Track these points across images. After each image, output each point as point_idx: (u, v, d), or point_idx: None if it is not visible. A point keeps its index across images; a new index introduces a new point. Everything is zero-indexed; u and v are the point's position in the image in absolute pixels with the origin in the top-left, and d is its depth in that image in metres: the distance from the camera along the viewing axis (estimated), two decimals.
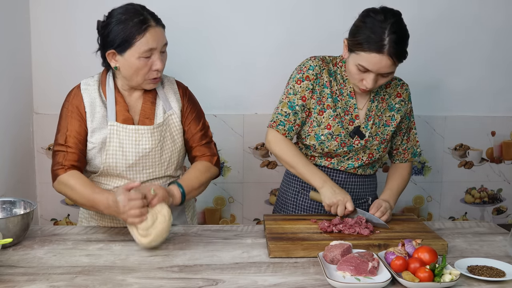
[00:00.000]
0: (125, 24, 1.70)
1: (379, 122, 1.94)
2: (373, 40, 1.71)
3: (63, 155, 1.77)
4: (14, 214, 1.76)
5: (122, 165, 1.79)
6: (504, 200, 2.96)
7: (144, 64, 1.73)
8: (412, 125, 2.04)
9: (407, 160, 2.05)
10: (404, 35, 1.75)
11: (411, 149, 2.05)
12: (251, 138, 2.74)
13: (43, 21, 2.58)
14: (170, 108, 1.87)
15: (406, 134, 2.03)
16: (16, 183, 2.45)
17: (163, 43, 1.75)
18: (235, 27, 2.65)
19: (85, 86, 1.82)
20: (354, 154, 1.94)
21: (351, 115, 1.92)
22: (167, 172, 1.88)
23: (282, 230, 1.72)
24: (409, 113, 2.02)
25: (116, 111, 1.79)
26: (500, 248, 1.68)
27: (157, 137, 1.81)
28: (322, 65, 1.91)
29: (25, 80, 2.58)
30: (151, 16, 1.74)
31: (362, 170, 1.99)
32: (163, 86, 1.89)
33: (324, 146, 1.91)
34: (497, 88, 2.84)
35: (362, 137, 1.91)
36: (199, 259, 1.56)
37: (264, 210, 2.79)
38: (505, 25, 2.77)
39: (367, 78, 1.78)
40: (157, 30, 1.73)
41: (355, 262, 1.42)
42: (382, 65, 1.73)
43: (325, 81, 1.91)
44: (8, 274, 1.43)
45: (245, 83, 2.71)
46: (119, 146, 1.78)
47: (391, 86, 1.97)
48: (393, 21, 1.72)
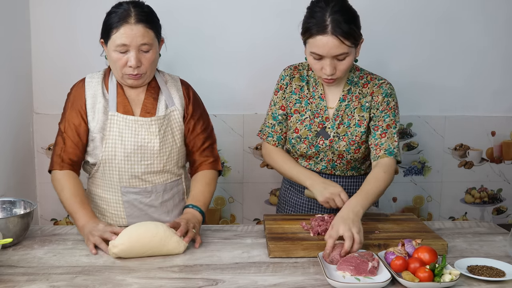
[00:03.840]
0: (110, 16, 1.76)
1: (349, 121, 1.92)
2: (316, 24, 1.74)
3: (61, 147, 1.83)
4: (14, 214, 1.76)
5: (121, 154, 1.81)
6: (504, 200, 2.96)
7: (119, 58, 1.75)
8: (392, 123, 1.89)
9: (379, 157, 1.85)
10: (346, 13, 1.75)
11: (385, 145, 1.86)
12: (251, 138, 2.74)
13: (43, 21, 2.58)
14: (173, 104, 1.89)
15: (381, 129, 1.88)
16: (16, 183, 2.45)
17: (139, 42, 1.73)
18: (236, 27, 2.65)
19: (89, 79, 1.86)
20: (324, 156, 1.95)
21: (322, 117, 1.93)
22: (165, 167, 1.88)
23: (282, 230, 1.72)
24: (388, 109, 1.89)
25: (117, 103, 1.83)
26: (500, 248, 1.68)
27: (155, 129, 1.83)
28: (292, 73, 1.98)
29: (25, 80, 2.58)
30: (137, 13, 1.73)
31: (340, 171, 1.99)
32: (166, 82, 1.92)
33: (296, 149, 1.97)
34: (497, 88, 2.84)
35: (327, 137, 1.92)
36: (199, 259, 1.56)
37: (264, 210, 2.79)
38: (506, 25, 2.77)
39: (324, 65, 1.79)
40: (135, 28, 1.72)
41: (355, 262, 1.42)
42: (330, 46, 1.73)
43: (294, 88, 1.96)
44: (8, 274, 1.43)
45: (245, 83, 2.71)
46: (118, 135, 1.81)
47: (368, 86, 1.93)
48: (334, 3, 1.75)
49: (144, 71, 1.79)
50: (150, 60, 1.78)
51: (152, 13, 1.80)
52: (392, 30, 2.70)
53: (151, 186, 1.88)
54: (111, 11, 1.77)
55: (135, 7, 1.75)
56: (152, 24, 1.77)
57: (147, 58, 1.77)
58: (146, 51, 1.76)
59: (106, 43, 1.78)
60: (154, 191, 1.89)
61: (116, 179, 1.85)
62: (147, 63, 1.78)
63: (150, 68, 1.80)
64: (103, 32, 1.78)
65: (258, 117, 2.68)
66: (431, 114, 2.82)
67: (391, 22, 2.70)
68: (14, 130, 2.45)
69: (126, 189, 1.86)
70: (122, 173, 1.84)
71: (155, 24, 1.79)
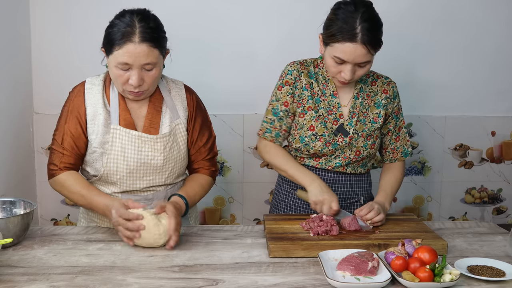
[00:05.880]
0: (112, 29, 1.66)
1: (365, 119, 1.94)
2: (345, 30, 1.73)
3: (59, 157, 1.78)
4: (14, 214, 1.76)
5: (123, 170, 1.77)
6: (504, 200, 2.96)
7: (120, 74, 1.67)
8: (402, 124, 2.03)
9: (397, 159, 2.04)
10: (376, 23, 1.77)
11: (401, 148, 2.03)
12: (251, 138, 2.74)
13: (43, 21, 2.58)
14: (178, 117, 1.83)
15: (395, 133, 2.02)
16: (16, 183, 2.45)
17: (142, 62, 1.64)
18: (235, 26, 2.65)
19: (89, 86, 1.79)
20: (340, 153, 1.94)
21: (335, 114, 1.93)
22: (167, 180, 1.86)
23: (282, 230, 1.72)
24: (397, 111, 2.01)
25: (119, 115, 1.77)
26: (500, 248, 1.68)
27: (160, 146, 1.78)
28: (300, 68, 1.95)
29: (25, 80, 2.58)
30: (141, 31, 1.64)
31: (351, 168, 1.99)
32: (170, 92, 1.86)
33: (309, 147, 1.93)
34: (498, 88, 2.84)
35: (346, 135, 1.92)
36: (199, 259, 1.56)
37: (264, 210, 2.79)
38: (506, 26, 2.78)
39: (345, 69, 1.79)
40: (138, 48, 1.62)
41: (355, 261, 1.42)
42: (357, 54, 1.74)
43: (304, 84, 1.93)
44: (8, 274, 1.43)
45: (245, 83, 2.71)
46: (121, 151, 1.76)
47: (377, 84, 1.97)
48: (364, 10, 1.74)
49: (146, 88, 1.72)
50: (152, 78, 1.71)
51: (158, 28, 1.71)
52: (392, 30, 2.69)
53: (153, 193, 1.85)
54: (114, 23, 1.67)
55: (140, 21, 1.65)
56: (158, 42, 1.67)
57: (149, 76, 1.69)
58: (149, 70, 1.69)
59: (107, 55, 1.70)
60: (155, 198, 1.85)
61: (117, 190, 1.82)
62: (150, 81, 1.70)
63: (152, 84, 1.73)
64: (105, 44, 1.69)
65: (258, 117, 2.67)
66: (431, 114, 2.83)
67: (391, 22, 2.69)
68: (14, 130, 2.45)
69: (127, 195, 1.83)
70: (123, 186, 1.81)
71: (160, 41, 1.69)
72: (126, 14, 1.68)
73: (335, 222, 1.72)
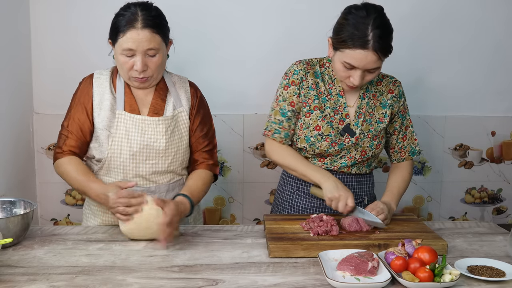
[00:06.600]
0: (118, 18, 1.77)
1: (371, 119, 1.94)
2: (357, 36, 1.71)
3: (63, 139, 1.86)
4: (14, 214, 1.76)
5: (126, 153, 1.82)
6: (504, 200, 2.96)
7: (125, 61, 1.76)
8: (409, 123, 2.03)
9: (404, 159, 2.02)
10: (387, 29, 1.76)
11: (408, 147, 2.02)
12: (251, 138, 2.74)
13: (43, 21, 2.58)
14: (181, 105, 1.90)
15: (402, 133, 2.01)
16: (16, 183, 2.45)
17: (145, 47, 1.73)
18: (235, 26, 2.65)
19: (97, 75, 1.88)
20: (346, 153, 1.94)
21: (341, 114, 1.92)
22: (170, 167, 1.88)
23: (282, 230, 1.72)
24: (404, 110, 2.00)
25: (124, 101, 1.84)
26: (500, 248, 1.68)
27: (162, 128, 1.84)
28: (306, 68, 1.93)
29: (25, 80, 2.58)
30: (144, 18, 1.73)
31: (356, 169, 1.98)
32: (175, 84, 1.93)
33: (315, 147, 1.92)
34: (497, 88, 2.84)
35: (353, 135, 1.91)
36: (199, 259, 1.56)
37: (264, 210, 2.79)
38: (506, 26, 2.77)
39: (354, 75, 1.78)
40: (141, 33, 1.72)
41: (355, 262, 1.42)
42: (368, 60, 1.73)
43: (310, 84, 1.92)
44: (8, 274, 1.43)
45: (245, 83, 2.70)
46: (125, 134, 1.82)
47: (382, 84, 1.97)
48: (376, 16, 1.73)
49: (150, 74, 1.80)
50: (156, 64, 1.79)
51: (160, 16, 1.80)
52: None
53: (155, 186, 1.88)
54: (119, 13, 1.77)
55: (143, 10, 1.75)
56: (159, 28, 1.77)
57: (153, 62, 1.78)
58: (152, 55, 1.77)
59: (113, 45, 1.79)
60: (158, 191, 1.88)
61: (120, 178, 1.85)
62: (154, 67, 1.79)
63: (156, 71, 1.81)
64: (111, 34, 1.79)
65: (258, 117, 2.69)
66: (431, 114, 2.83)
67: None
68: (14, 130, 2.45)
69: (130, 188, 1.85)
70: (126, 172, 1.84)
71: (162, 28, 1.79)
72: (130, 6, 1.78)
73: (335, 222, 1.72)
